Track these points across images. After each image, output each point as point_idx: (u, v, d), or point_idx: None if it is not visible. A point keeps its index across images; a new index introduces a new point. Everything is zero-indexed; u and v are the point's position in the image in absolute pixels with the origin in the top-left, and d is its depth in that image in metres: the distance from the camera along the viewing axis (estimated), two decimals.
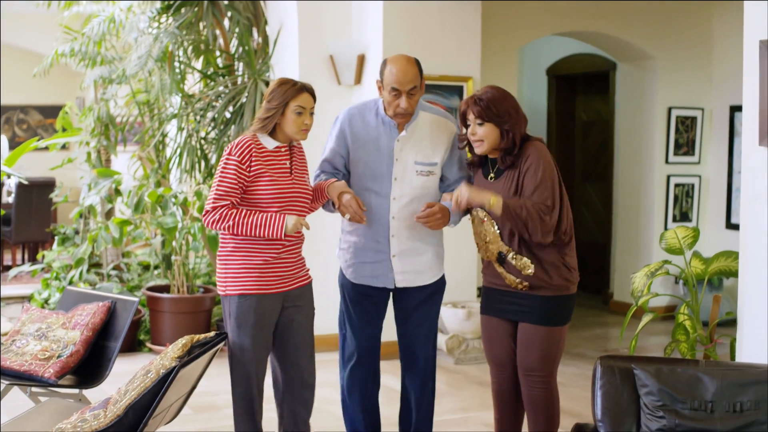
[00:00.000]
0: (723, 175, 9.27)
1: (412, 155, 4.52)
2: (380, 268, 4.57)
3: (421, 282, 4.62)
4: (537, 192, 4.21)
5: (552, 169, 4.28)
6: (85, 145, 8.87)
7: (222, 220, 4.14)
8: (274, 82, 4.32)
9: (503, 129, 4.27)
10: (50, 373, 4.60)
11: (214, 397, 6.32)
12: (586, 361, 7.49)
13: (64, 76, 13.36)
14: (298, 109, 4.23)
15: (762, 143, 4.12)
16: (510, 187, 4.29)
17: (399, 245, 4.54)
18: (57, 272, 8.70)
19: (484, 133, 4.29)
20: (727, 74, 9.14)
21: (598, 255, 10.42)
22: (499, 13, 8.59)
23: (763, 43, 4.09)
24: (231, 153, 4.18)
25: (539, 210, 4.18)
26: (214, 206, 4.16)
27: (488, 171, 4.42)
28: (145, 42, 7.83)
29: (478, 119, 4.28)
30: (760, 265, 4.18)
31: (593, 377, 3.77)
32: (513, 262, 4.30)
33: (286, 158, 4.32)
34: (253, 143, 4.21)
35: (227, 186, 4.17)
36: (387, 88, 4.42)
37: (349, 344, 4.71)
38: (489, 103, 4.26)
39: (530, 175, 4.24)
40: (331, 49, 7.51)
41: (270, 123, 4.24)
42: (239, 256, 4.24)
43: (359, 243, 4.58)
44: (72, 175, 12.10)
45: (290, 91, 4.23)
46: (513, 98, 4.34)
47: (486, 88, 4.35)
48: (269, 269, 4.25)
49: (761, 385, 3.57)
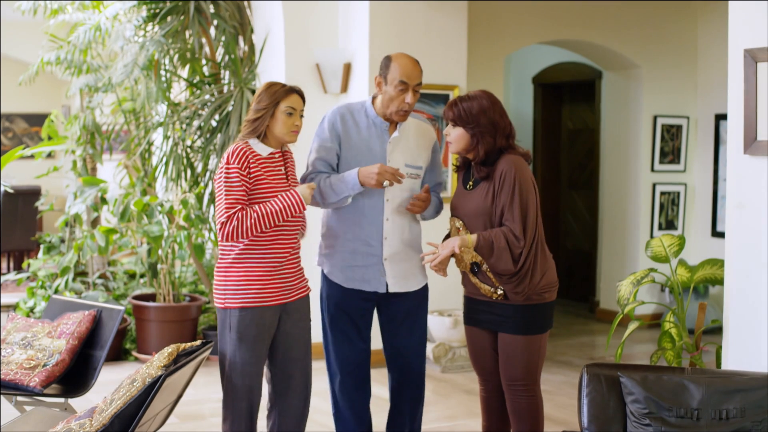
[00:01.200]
0: (708, 183, 9.31)
1: (402, 157, 4.53)
2: (372, 271, 4.52)
3: (409, 288, 4.61)
4: (507, 213, 4.21)
5: (528, 189, 4.24)
6: (71, 153, 8.84)
7: (241, 226, 4.07)
8: (262, 86, 4.28)
9: (471, 137, 4.28)
10: (36, 382, 4.58)
11: (200, 405, 6.30)
12: (573, 368, 7.50)
13: (49, 85, 13.33)
14: (289, 109, 4.20)
15: (747, 151, 4.14)
16: (485, 199, 4.28)
17: (390, 248, 4.52)
18: (42, 281, 8.67)
19: (454, 136, 4.32)
20: (712, 83, 9.19)
21: (584, 263, 10.44)
22: (486, 21, 8.62)
23: (747, 51, 4.11)
24: (229, 162, 4.12)
25: (508, 240, 4.19)
26: (227, 215, 4.08)
27: (468, 179, 4.43)
28: (131, 50, 7.81)
29: (451, 121, 4.31)
30: (746, 272, 4.19)
31: (579, 385, 3.77)
32: (487, 272, 4.29)
33: (281, 164, 4.29)
34: (247, 150, 4.16)
35: (235, 194, 4.11)
36: (393, 83, 4.40)
37: (338, 359, 4.62)
38: (464, 108, 4.26)
39: (504, 194, 4.22)
40: (318, 57, 7.52)
41: (260, 125, 4.19)
42: (240, 267, 4.18)
43: (348, 246, 4.53)
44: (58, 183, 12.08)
45: (280, 92, 4.21)
46: (496, 110, 4.28)
47: (476, 92, 4.33)
48: (270, 281, 4.20)
49: (747, 392, 3.58)
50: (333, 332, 4.61)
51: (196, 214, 7.68)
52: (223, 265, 4.23)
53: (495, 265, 4.22)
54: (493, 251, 4.19)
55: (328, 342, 4.65)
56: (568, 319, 9.64)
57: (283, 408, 4.38)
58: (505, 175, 4.23)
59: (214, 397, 6.51)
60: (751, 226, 4.16)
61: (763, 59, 4.04)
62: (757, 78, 4.07)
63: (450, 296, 7.41)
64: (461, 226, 4.35)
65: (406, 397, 4.70)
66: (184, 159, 7.96)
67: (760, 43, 4.08)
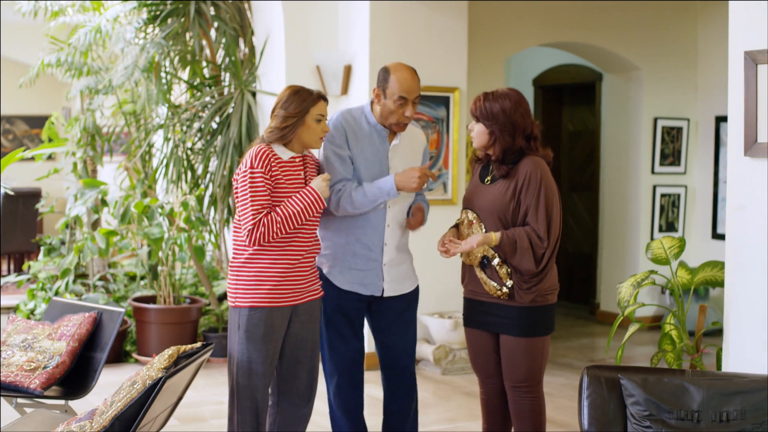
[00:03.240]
0: (709, 185, 9.30)
1: (402, 163, 4.55)
2: (370, 276, 4.54)
3: (402, 290, 4.64)
4: (531, 213, 4.23)
5: (553, 191, 4.28)
6: (72, 155, 8.84)
7: (268, 231, 4.08)
8: (286, 90, 4.25)
9: (490, 134, 4.29)
10: (36, 384, 4.58)
11: (200, 407, 6.30)
12: (573, 371, 7.49)
13: (50, 87, 13.33)
14: (318, 117, 4.21)
15: (747, 153, 4.14)
16: (503, 195, 4.29)
17: (389, 253, 4.56)
18: (43, 283, 8.66)
19: (476, 131, 4.34)
20: (713, 85, 9.19)
21: (584, 265, 10.44)
22: (486, 23, 8.62)
23: (747, 53, 4.11)
24: (253, 165, 4.11)
25: (531, 240, 4.20)
26: (254, 222, 4.08)
27: (486, 174, 4.43)
28: (131, 52, 7.82)
29: (474, 116, 4.33)
30: (746, 274, 4.19)
31: (580, 387, 3.76)
32: (497, 268, 4.29)
33: (301, 169, 4.28)
34: (270, 153, 4.16)
35: (261, 199, 4.10)
36: (393, 97, 4.41)
37: (333, 359, 4.63)
38: (485, 105, 4.28)
39: (529, 195, 4.24)
40: (318, 59, 7.52)
41: (290, 132, 4.17)
42: (252, 267, 4.19)
43: (350, 250, 4.54)
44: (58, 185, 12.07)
45: (309, 99, 4.19)
46: (518, 110, 4.28)
47: (504, 90, 4.34)
48: (282, 282, 4.20)
49: (747, 394, 3.58)
50: (329, 332, 4.62)
51: (197, 216, 7.68)
52: (236, 264, 4.23)
53: (518, 264, 4.23)
54: (516, 251, 4.21)
55: (323, 342, 4.65)
56: (568, 321, 9.64)
57: (284, 408, 4.39)
58: (530, 176, 4.25)
59: (215, 399, 6.51)
60: (751, 228, 4.16)
61: (763, 61, 4.04)
62: (757, 80, 4.08)
63: (450, 298, 7.41)
64: (475, 219, 4.35)
65: (399, 397, 4.73)
66: (185, 161, 7.96)
67: (761, 45, 4.08)
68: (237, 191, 4.19)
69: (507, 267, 4.28)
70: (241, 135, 7.48)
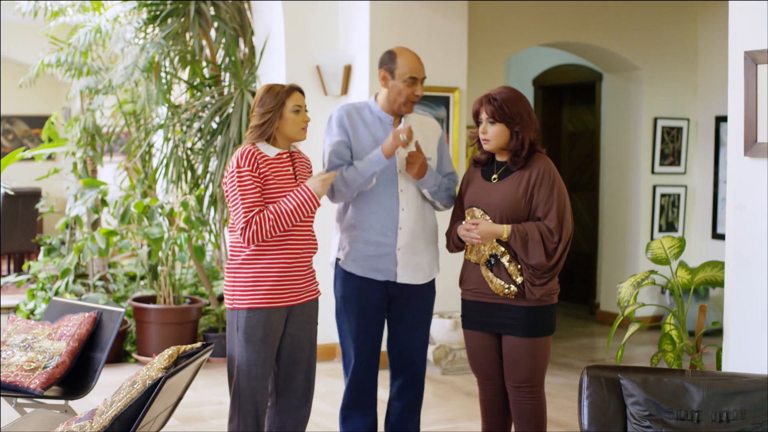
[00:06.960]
0: (709, 185, 9.30)
1: (411, 147, 4.53)
2: (384, 261, 4.54)
3: (417, 280, 4.63)
4: (543, 208, 4.24)
5: (565, 190, 4.31)
6: (71, 155, 8.84)
7: (261, 229, 4.09)
8: (260, 89, 4.29)
9: (513, 131, 4.29)
10: (36, 384, 4.58)
11: (200, 407, 6.30)
12: (573, 371, 7.49)
13: (50, 87, 13.33)
14: (295, 107, 4.22)
15: (747, 153, 4.14)
16: (517, 190, 4.29)
17: (404, 238, 4.54)
18: (43, 283, 8.66)
19: (494, 133, 4.32)
20: (713, 85, 9.19)
21: (584, 265, 10.44)
22: (486, 24, 8.62)
23: (747, 53, 4.11)
24: (240, 165, 4.13)
25: (542, 233, 4.20)
26: (246, 220, 4.10)
27: (492, 172, 4.42)
28: (131, 52, 7.82)
29: (491, 118, 4.31)
30: (746, 274, 4.19)
31: (580, 387, 3.77)
32: (506, 264, 4.29)
33: (289, 165, 4.29)
34: (255, 151, 4.18)
35: (251, 197, 4.12)
36: (402, 78, 4.47)
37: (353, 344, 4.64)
38: (503, 103, 4.28)
39: (543, 192, 4.26)
40: (318, 59, 7.52)
41: (268, 128, 4.19)
42: (249, 268, 4.19)
43: (363, 236, 4.55)
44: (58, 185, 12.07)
45: (282, 92, 4.22)
46: (527, 101, 4.36)
47: (501, 88, 4.36)
48: (280, 282, 4.20)
49: (747, 394, 3.58)
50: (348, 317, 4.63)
51: (197, 216, 7.68)
52: (233, 265, 4.24)
53: (528, 257, 4.23)
54: (528, 243, 4.21)
55: (343, 330, 4.67)
56: (568, 321, 9.64)
57: (283, 408, 4.39)
58: (543, 173, 4.28)
59: (215, 399, 6.51)
60: (751, 228, 4.16)
61: (763, 61, 4.04)
62: (757, 80, 4.08)
63: (450, 298, 7.38)
64: (482, 215, 4.34)
65: (406, 397, 4.72)
66: (185, 161, 7.96)
67: (761, 45, 4.08)
68: (227, 193, 4.21)
69: (517, 263, 4.28)
70: (241, 135, 7.48)
